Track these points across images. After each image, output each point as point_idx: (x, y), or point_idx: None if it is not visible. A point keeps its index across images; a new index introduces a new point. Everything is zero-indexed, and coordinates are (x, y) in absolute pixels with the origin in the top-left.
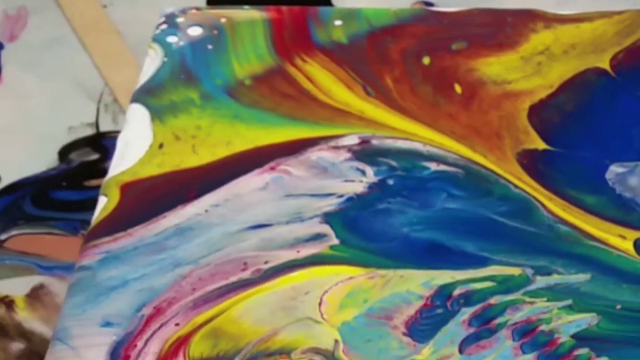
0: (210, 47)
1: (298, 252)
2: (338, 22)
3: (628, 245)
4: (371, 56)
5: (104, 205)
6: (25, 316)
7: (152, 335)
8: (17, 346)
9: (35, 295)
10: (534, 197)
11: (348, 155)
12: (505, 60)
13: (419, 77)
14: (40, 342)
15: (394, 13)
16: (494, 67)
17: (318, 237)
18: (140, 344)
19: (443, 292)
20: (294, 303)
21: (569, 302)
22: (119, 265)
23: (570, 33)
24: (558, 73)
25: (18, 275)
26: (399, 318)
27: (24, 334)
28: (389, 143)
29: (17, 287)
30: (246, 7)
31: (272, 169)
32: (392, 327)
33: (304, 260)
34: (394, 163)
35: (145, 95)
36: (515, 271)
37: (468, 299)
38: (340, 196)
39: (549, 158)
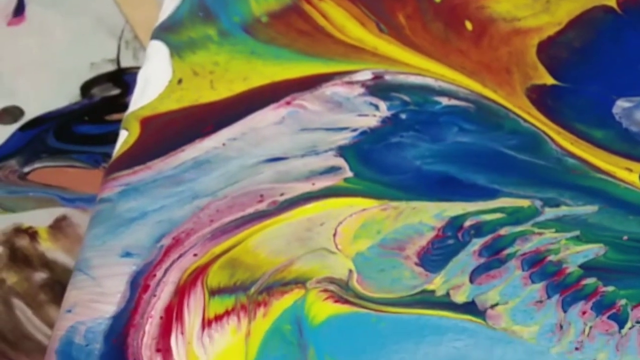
0: None
1: (313, 184)
2: None
3: (634, 178)
4: None
5: (124, 139)
6: (48, 247)
7: (171, 265)
8: (40, 276)
9: (58, 227)
10: (542, 131)
11: (362, 90)
12: None
13: (430, 14)
14: (63, 272)
15: None
16: (504, 4)
17: (332, 170)
18: (159, 273)
19: (454, 224)
20: (309, 234)
21: (576, 233)
22: (139, 197)
23: None
24: (566, 10)
25: (41, 207)
26: (411, 248)
27: (47, 264)
28: (402, 78)
29: (40, 218)
30: None
31: (288, 103)
32: (405, 257)
33: (319, 193)
34: (406, 98)
35: (165, 32)
36: (524, 203)
37: (478, 230)
38: (354, 130)
39: (558, 93)
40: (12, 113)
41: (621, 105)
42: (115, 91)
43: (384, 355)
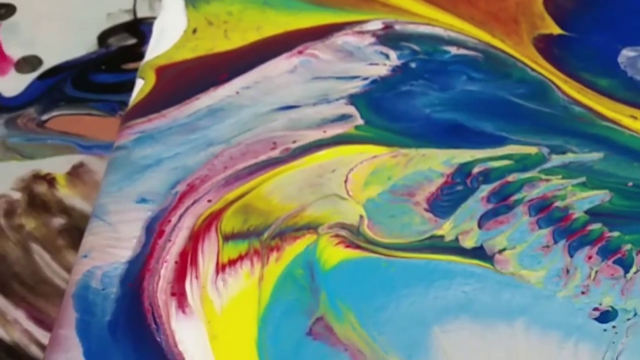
0: None
1: (325, 132)
2: None
3: (639, 126)
4: None
5: (140, 87)
6: (66, 193)
7: (185, 211)
8: (58, 221)
9: (76, 173)
10: (549, 80)
11: (372, 39)
12: None
13: None
14: (81, 218)
15: None
16: None
17: (344, 117)
18: (174, 219)
19: (463, 170)
20: (321, 180)
21: (582, 179)
22: (154, 144)
23: None
24: None
25: (59, 154)
26: (421, 195)
27: (65, 209)
28: (412, 28)
29: (58, 165)
30: None
31: (300, 52)
32: (415, 203)
33: (330, 140)
34: (416, 47)
35: None
36: (531, 150)
37: (487, 176)
38: (365, 79)
39: (564, 43)
40: (30, 62)
41: (626, 54)
42: (132, 41)
43: (394, 298)
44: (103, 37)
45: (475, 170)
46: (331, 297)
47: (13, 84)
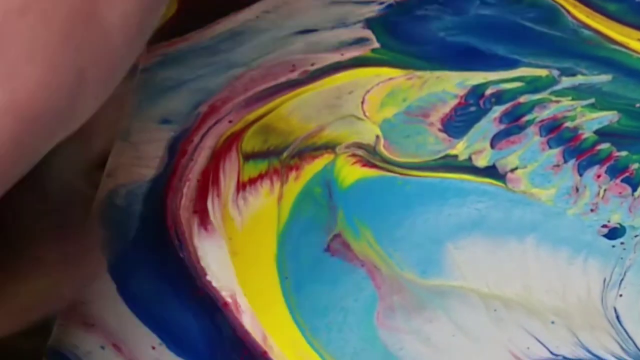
0: None
1: (342, 54)
2: None
3: None
4: None
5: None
6: None
7: (207, 131)
8: None
9: None
10: (559, 4)
11: None
12: None
13: None
14: None
15: None
16: None
17: (360, 41)
18: (196, 139)
19: (476, 92)
20: (339, 102)
21: (592, 100)
22: (176, 67)
23: None
24: None
25: None
26: (435, 116)
27: None
28: None
29: None
30: None
31: None
32: (429, 124)
33: (348, 62)
34: None
35: None
36: (542, 72)
37: (499, 97)
38: (381, 3)
39: None
40: None
41: None
42: None
43: (409, 215)
44: None
45: (488, 91)
46: (348, 214)
47: None
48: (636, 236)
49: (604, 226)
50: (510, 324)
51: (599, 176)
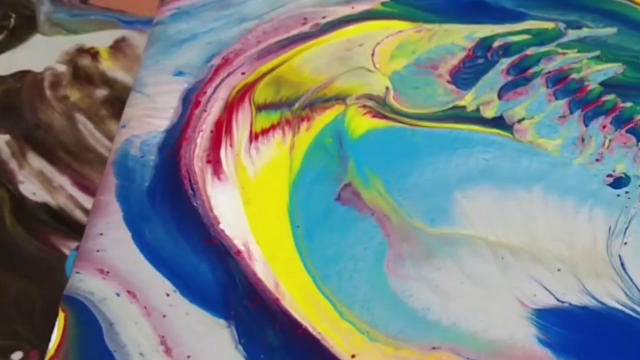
0: None
1: (352, 7)
2: None
3: None
4: None
5: None
6: (108, 65)
7: (220, 82)
8: (101, 92)
9: (118, 47)
10: None
11: None
12: None
13: None
14: (122, 89)
15: None
16: None
17: None
18: (209, 90)
19: (484, 44)
20: (349, 54)
21: (597, 53)
22: (189, 20)
23: None
24: None
25: (102, 29)
26: (444, 67)
27: (108, 81)
28: None
29: (101, 39)
30: None
31: None
32: (438, 75)
33: (358, 16)
34: None
35: None
36: (549, 25)
37: (506, 50)
38: None
39: None
40: None
41: None
42: None
43: (418, 165)
44: None
45: (496, 44)
46: (358, 164)
47: None
48: None
49: (609, 176)
50: (518, 272)
51: (604, 127)
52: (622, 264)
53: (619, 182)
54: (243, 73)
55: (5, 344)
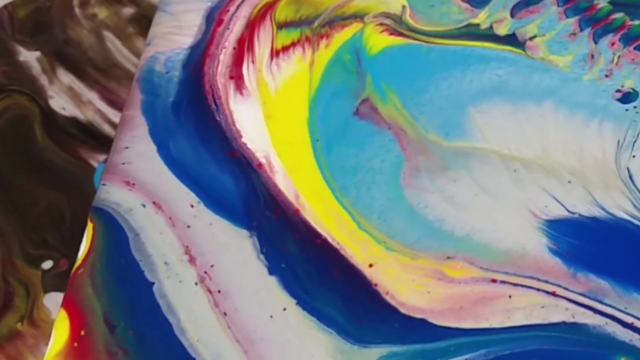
0: None
1: None
2: None
3: None
4: None
5: None
6: None
7: (242, 1)
8: (128, 11)
9: None
10: None
11: None
12: None
13: None
14: (149, 7)
15: None
16: None
17: None
18: (232, 8)
19: None
20: None
21: None
22: None
23: None
24: None
25: None
26: None
27: (134, 0)
28: None
29: None
30: None
31: None
32: None
33: None
34: None
35: None
36: None
37: None
38: None
39: None
40: None
41: None
42: None
43: (433, 81)
44: None
45: None
46: (376, 80)
47: None
48: None
49: (618, 91)
50: (529, 184)
51: (613, 44)
52: (630, 176)
53: (627, 97)
54: None
55: (37, 253)
